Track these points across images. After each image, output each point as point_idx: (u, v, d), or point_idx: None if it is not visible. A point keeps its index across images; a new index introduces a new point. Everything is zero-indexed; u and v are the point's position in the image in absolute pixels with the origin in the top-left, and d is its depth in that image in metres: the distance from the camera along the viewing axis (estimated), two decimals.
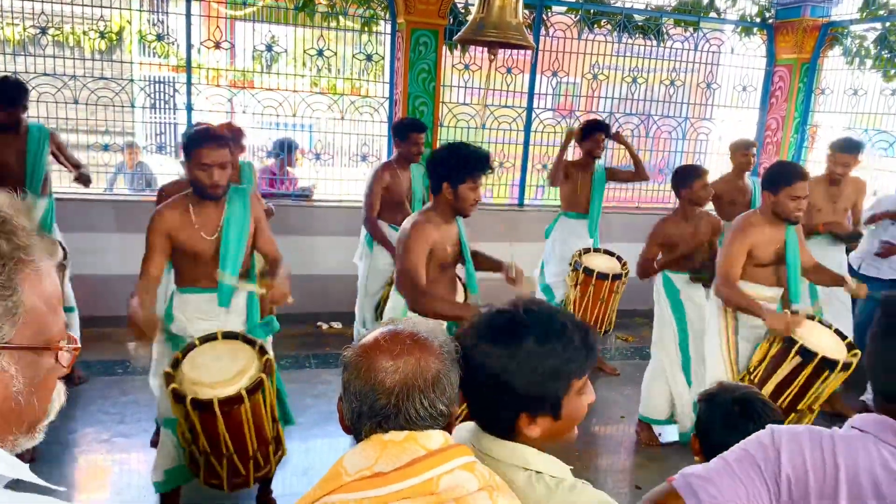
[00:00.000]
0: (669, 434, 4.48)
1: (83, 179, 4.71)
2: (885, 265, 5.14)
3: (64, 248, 4.21)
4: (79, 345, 0.99)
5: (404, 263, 3.02)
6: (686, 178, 4.25)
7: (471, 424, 1.47)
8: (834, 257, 4.89)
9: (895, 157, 6.52)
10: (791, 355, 3.40)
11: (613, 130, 5.71)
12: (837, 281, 3.91)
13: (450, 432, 1.29)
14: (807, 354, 3.36)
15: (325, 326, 6.02)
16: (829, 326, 3.66)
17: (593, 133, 5.28)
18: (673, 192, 4.47)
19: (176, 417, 2.95)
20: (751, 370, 3.64)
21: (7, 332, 0.85)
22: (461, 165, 3.03)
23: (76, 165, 4.71)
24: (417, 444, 1.21)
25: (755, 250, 3.67)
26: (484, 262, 3.53)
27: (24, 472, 0.89)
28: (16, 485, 0.89)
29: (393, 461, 1.19)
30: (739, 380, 3.66)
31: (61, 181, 5.31)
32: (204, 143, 2.96)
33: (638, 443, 4.46)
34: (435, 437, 1.24)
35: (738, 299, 3.60)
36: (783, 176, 3.55)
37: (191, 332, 3.09)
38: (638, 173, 5.52)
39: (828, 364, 3.33)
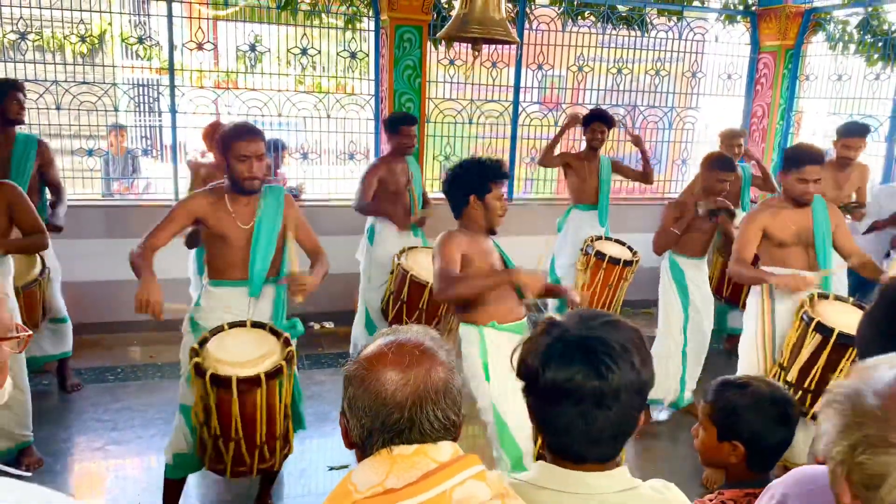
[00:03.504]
0: (661, 413, 4.67)
1: (54, 228, 4.33)
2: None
3: (44, 263, 4.16)
4: (29, 332, 1.09)
5: (438, 264, 3.01)
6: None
7: (543, 472, 1.38)
8: None
9: (880, 141, 6.53)
10: (810, 334, 3.36)
11: (634, 132, 5.76)
12: (877, 273, 3.75)
13: (456, 441, 1.27)
14: (825, 331, 3.30)
15: (316, 326, 6.00)
16: (846, 300, 3.63)
17: (591, 122, 5.32)
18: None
19: (190, 406, 2.99)
20: (784, 365, 3.59)
21: None
22: (483, 175, 3.06)
23: (56, 190, 4.59)
24: (428, 458, 1.19)
25: (770, 229, 3.71)
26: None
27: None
28: None
29: (404, 476, 1.17)
30: (774, 374, 3.63)
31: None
32: (244, 135, 3.07)
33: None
34: (444, 449, 1.22)
35: (745, 272, 3.69)
36: (794, 159, 3.60)
37: (215, 324, 3.12)
38: (645, 175, 5.60)
39: (849, 340, 3.21)
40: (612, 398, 1.27)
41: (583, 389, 1.27)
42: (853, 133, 4.96)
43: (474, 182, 3.05)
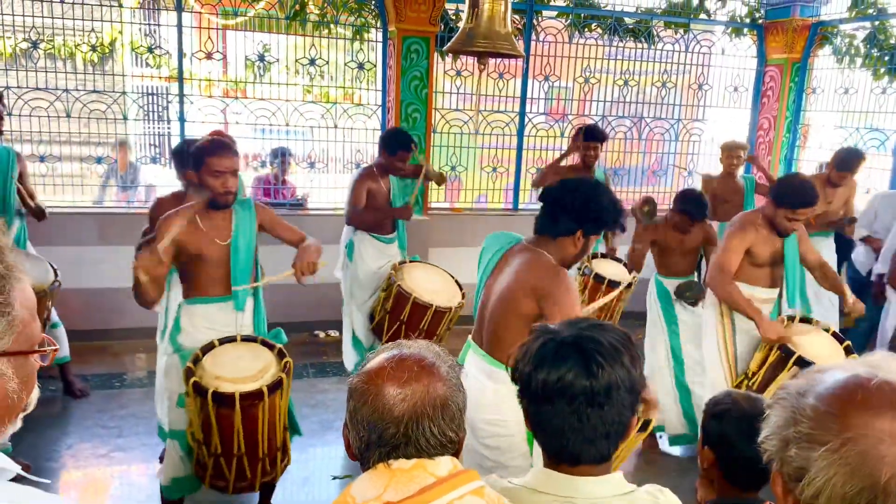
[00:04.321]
0: (676, 448, 4.48)
1: (37, 213, 4.53)
2: None
3: (54, 269, 4.19)
4: (57, 346, 1.12)
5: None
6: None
7: (540, 476, 1.40)
8: (823, 254, 4.93)
9: (887, 154, 6.54)
10: (789, 365, 3.38)
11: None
12: (838, 289, 3.85)
13: (457, 457, 1.27)
14: (803, 364, 3.33)
15: (321, 335, 6.02)
16: (827, 329, 3.65)
17: (586, 140, 5.27)
18: (669, 195, 4.50)
19: (183, 429, 2.98)
20: (749, 375, 3.64)
21: (7, 341, 0.98)
22: (611, 218, 2.57)
23: (31, 196, 4.58)
24: (426, 472, 1.20)
25: (754, 248, 3.69)
26: None
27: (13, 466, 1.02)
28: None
29: (402, 490, 1.18)
30: (737, 384, 3.67)
31: (44, 193, 5.31)
32: (216, 151, 3.03)
33: (640, 448, 4.45)
34: (443, 464, 1.22)
35: (735, 297, 3.57)
36: (791, 198, 3.52)
37: (200, 343, 3.10)
38: None
39: (805, 363, 3.32)
40: (604, 395, 1.31)
41: (575, 387, 1.30)
42: (843, 168, 5.08)
43: (596, 217, 2.54)
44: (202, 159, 3.03)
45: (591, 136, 5.27)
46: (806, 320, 3.72)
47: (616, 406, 1.32)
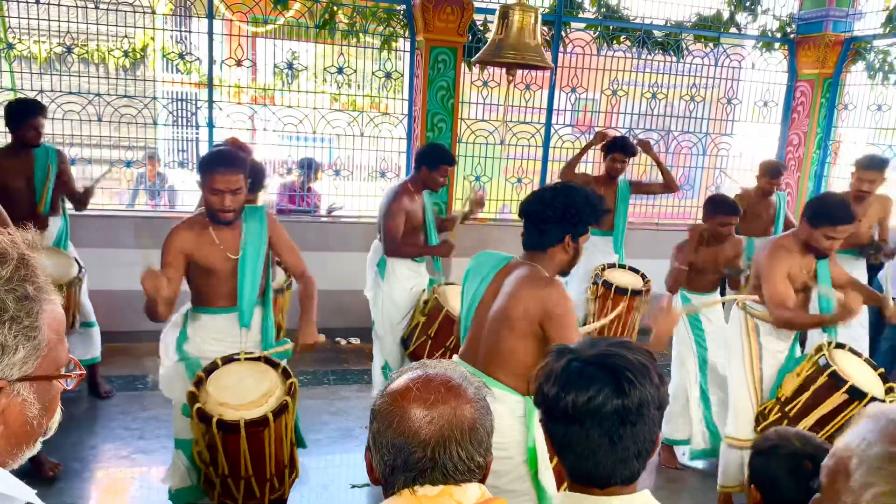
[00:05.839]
0: (694, 460, 4.43)
1: (87, 195, 4.67)
2: None
3: (79, 263, 4.26)
4: (83, 370, 1.07)
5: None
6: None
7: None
8: (854, 275, 4.82)
9: None
10: (839, 394, 3.28)
11: (648, 142, 5.65)
12: (874, 299, 3.74)
13: (483, 483, 1.24)
14: (856, 393, 3.23)
15: (343, 342, 6.03)
16: (859, 355, 3.56)
17: (612, 151, 5.25)
18: (697, 209, 4.44)
19: (189, 438, 2.95)
20: (781, 399, 3.52)
21: (31, 365, 0.94)
22: (593, 214, 2.55)
23: (71, 192, 4.67)
24: (453, 500, 1.16)
25: (790, 275, 3.56)
26: None
27: (30, 495, 0.98)
28: None
29: None
30: (768, 410, 3.57)
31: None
32: (216, 167, 2.90)
33: (658, 464, 4.41)
34: (471, 491, 1.18)
35: (803, 319, 3.55)
36: (829, 216, 3.41)
37: (206, 353, 3.07)
38: (667, 184, 5.46)
39: (858, 395, 3.23)
40: (636, 414, 1.28)
41: (606, 407, 1.27)
42: (869, 167, 4.79)
43: (578, 219, 2.51)
44: (203, 173, 2.94)
45: (621, 149, 5.24)
46: (839, 346, 3.60)
47: (648, 424, 1.30)
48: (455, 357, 2.72)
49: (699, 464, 4.41)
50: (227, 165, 2.91)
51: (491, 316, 2.55)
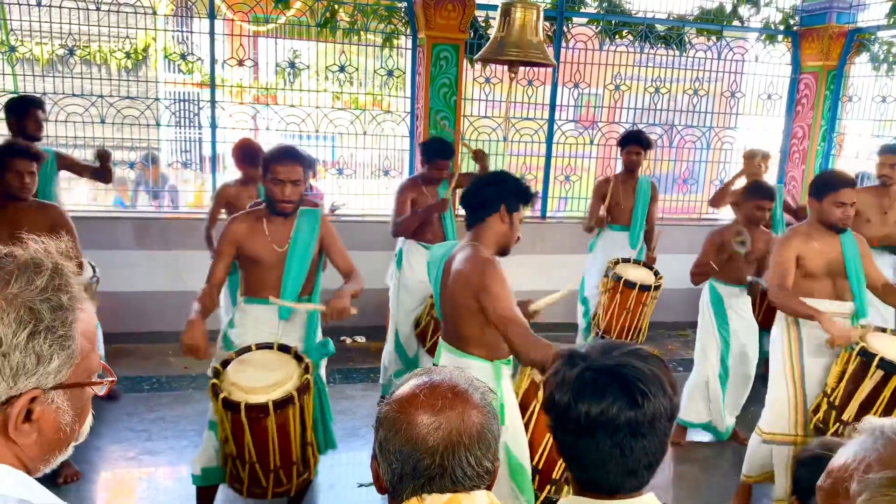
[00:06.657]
0: (697, 433, 4.63)
1: (106, 172, 4.83)
2: None
3: (93, 267, 4.26)
4: (114, 376, 1.10)
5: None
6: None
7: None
8: (885, 273, 4.73)
9: None
10: (872, 370, 3.20)
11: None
12: None
13: (491, 489, 1.23)
14: (889, 367, 3.15)
15: (348, 341, 6.03)
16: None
17: (627, 144, 5.26)
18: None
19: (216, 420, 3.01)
20: (828, 393, 3.45)
21: (65, 373, 0.96)
22: (519, 191, 2.76)
23: (89, 167, 4.87)
24: None
25: (802, 260, 3.55)
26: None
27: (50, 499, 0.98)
28: None
29: None
30: (818, 403, 3.50)
31: (78, 196, 5.39)
32: (281, 159, 3.12)
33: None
34: (479, 499, 1.17)
35: (793, 304, 3.46)
36: (828, 183, 3.48)
37: (246, 342, 3.16)
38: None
39: None
40: (648, 426, 1.26)
41: (619, 419, 1.25)
42: (888, 150, 4.76)
43: (510, 195, 2.74)
44: (267, 165, 3.15)
45: (636, 142, 5.25)
46: (881, 330, 3.54)
47: (659, 436, 1.28)
48: (440, 339, 2.95)
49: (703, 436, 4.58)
50: (291, 158, 3.14)
51: (447, 299, 2.80)
